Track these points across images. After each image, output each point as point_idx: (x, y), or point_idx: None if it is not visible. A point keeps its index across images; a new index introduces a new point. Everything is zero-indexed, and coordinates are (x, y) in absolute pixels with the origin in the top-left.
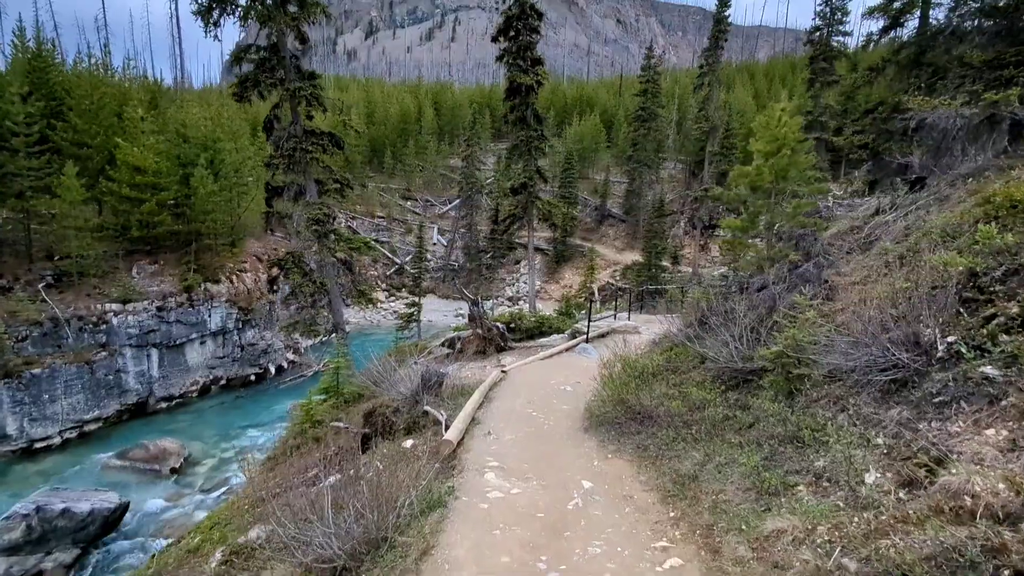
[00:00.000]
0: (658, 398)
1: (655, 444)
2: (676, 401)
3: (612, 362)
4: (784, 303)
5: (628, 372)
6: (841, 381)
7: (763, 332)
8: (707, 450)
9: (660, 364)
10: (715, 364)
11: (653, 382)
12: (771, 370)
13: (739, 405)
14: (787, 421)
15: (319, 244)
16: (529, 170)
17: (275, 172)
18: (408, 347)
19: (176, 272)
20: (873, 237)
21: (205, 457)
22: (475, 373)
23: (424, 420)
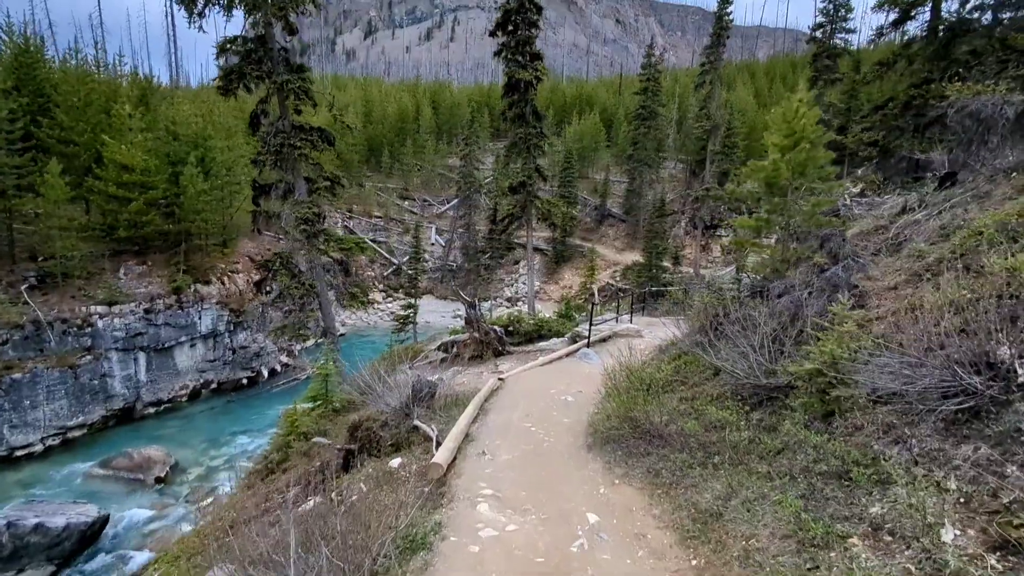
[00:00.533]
0: (669, 414)
1: (668, 469)
2: (692, 422)
3: (616, 372)
4: (811, 311)
5: (634, 383)
6: (889, 405)
7: (787, 343)
8: (730, 480)
9: (669, 374)
10: (732, 378)
11: (662, 395)
12: (801, 388)
13: (764, 427)
14: (827, 452)
15: (308, 244)
16: (528, 168)
17: (262, 169)
18: (403, 351)
19: (165, 273)
20: (902, 238)
21: (192, 465)
22: (471, 380)
23: (414, 435)
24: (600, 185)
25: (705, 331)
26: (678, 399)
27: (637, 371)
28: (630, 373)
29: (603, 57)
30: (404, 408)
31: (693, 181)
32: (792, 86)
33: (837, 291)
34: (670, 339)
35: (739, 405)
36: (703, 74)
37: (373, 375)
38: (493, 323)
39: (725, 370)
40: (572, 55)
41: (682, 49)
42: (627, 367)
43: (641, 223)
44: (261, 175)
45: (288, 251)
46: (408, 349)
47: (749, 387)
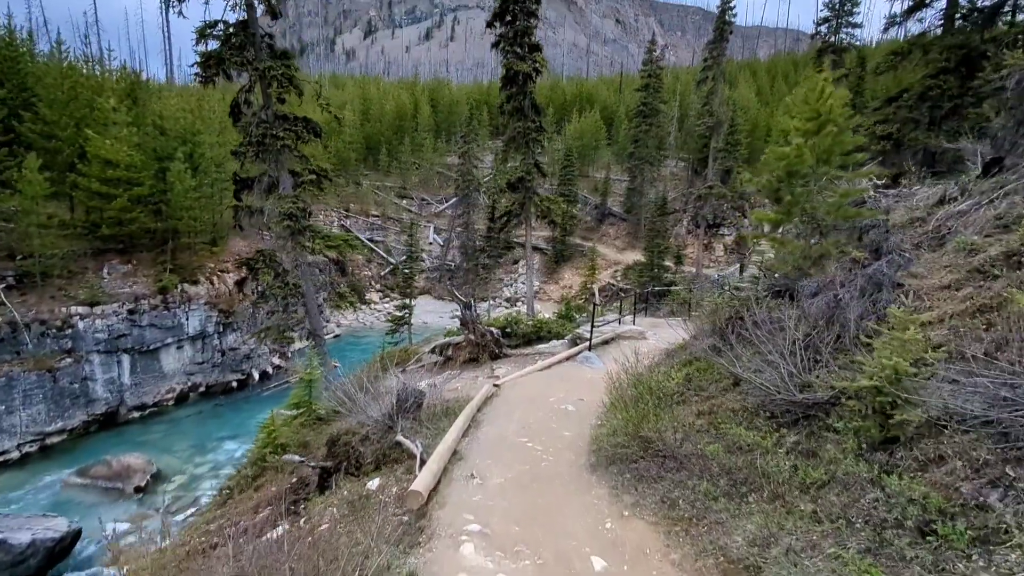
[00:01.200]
0: (684, 432)
1: (686, 499)
2: (713, 445)
3: (622, 380)
4: (854, 313)
5: (642, 393)
6: (970, 433)
7: (824, 351)
8: (767, 520)
9: (680, 383)
10: (759, 390)
11: (674, 407)
12: (852, 407)
13: (801, 452)
14: (899, 494)
15: (293, 241)
16: (527, 164)
17: (244, 161)
18: (395, 353)
19: (151, 273)
20: (945, 230)
21: (175, 473)
22: (465, 385)
23: (397, 451)
24: (601, 184)
25: (720, 335)
26: (693, 413)
27: (645, 379)
28: (637, 382)
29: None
30: (387, 420)
31: (695, 179)
32: (794, 84)
33: (880, 290)
34: (678, 342)
35: (767, 423)
36: (705, 70)
37: (355, 383)
38: (490, 324)
39: (749, 381)
40: (572, 55)
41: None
42: (633, 375)
43: (642, 222)
44: (243, 168)
45: (272, 248)
46: (402, 351)
47: (780, 402)
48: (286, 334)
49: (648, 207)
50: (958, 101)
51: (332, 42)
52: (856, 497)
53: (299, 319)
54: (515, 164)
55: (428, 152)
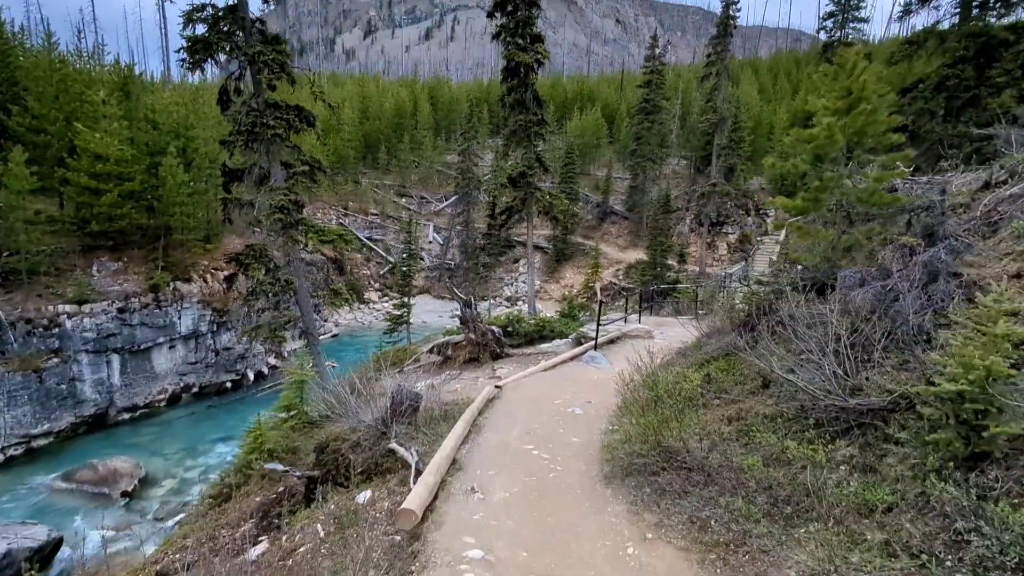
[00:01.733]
0: (710, 440)
1: (719, 520)
2: (750, 458)
3: (634, 380)
4: (911, 306)
5: (660, 395)
6: None
7: (875, 349)
8: (823, 550)
9: (699, 384)
10: (799, 393)
11: (697, 411)
12: (920, 413)
13: (856, 466)
14: (1014, 529)
15: (284, 236)
16: (528, 158)
17: (232, 151)
18: (394, 353)
19: (142, 270)
20: (996, 215)
21: (165, 477)
22: (465, 387)
23: (391, 459)
24: (602, 182)
25: (741, 332)
26: (719, 418)
27: (661, 380)
28: (653, 383)
29: (603, 57)
30: (380, 426)
31: (698, 177)
32: (796, 82)
33: (935, 280)
34: (692, 340)
35: (812, 432)
36: (709, 66)
37: (346, 386)
38: (491, 323)
39: (783, 383)
40: (572, 54)
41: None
42: (647, 374)
43: (644, 220)
44: (232, 159)
45: (263, 243)
46: (400, 351)
47: (828, 408)
48: (278, 333)
49: (650, 205)
50: (976, 91)
51: (332, 42)
52: (942, 526)
53: (291, 318)
54: (516, 159)
55: (428, 150)
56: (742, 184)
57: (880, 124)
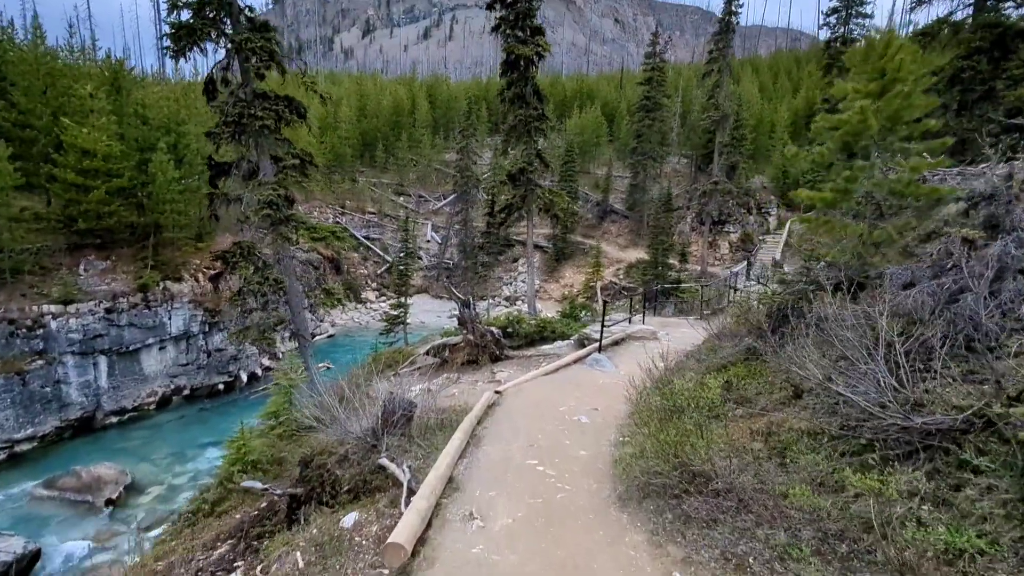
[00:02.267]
0: (739, 457)
1: (759, 558)
2: (797, 488)
3: (646, 387)
4: (980, 307)
5: (678, 405)
6: None
7: (936, 357)
8: None
9: (719, 393)
10: (837, 405)
11: (721, 423)
12: (997, 434)
13: (924, 498)
14: None
15: (273, 232)
16: (529, 154)
17: (219, 144)
18: (390, 355)
19: (131, 269)
20: None
21: (152, 484)
22: (464, 390)
23: (381, 476)
24: (602, 180)
25: (763, 334)
26: (745, 433)
27: (679, 388)
28: (669, 392)
29: (602, 57)
30: (370, 438)
31: (699, 175)
32: (797, 81)
33: (1002, 277)
34: (697, 343)
35: (862, 453)
36: (711, 62)
37: (335, 393)
38: (490, 324)
39: (822, 394)
40: (571, 54)
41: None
42: (661, 381)
43: (645, 219)
44: (218, 152)
45: (251, 240)
46: (396, 352)
47: (889, 428)
48: (267, 335)
49: (651, 204)
50: (991, 84)
51: (330, 41)
52: None
53: (281, 318)
54: (516, 156)
55: (426, 148)
56: (744, 182)
57: (915, 108)
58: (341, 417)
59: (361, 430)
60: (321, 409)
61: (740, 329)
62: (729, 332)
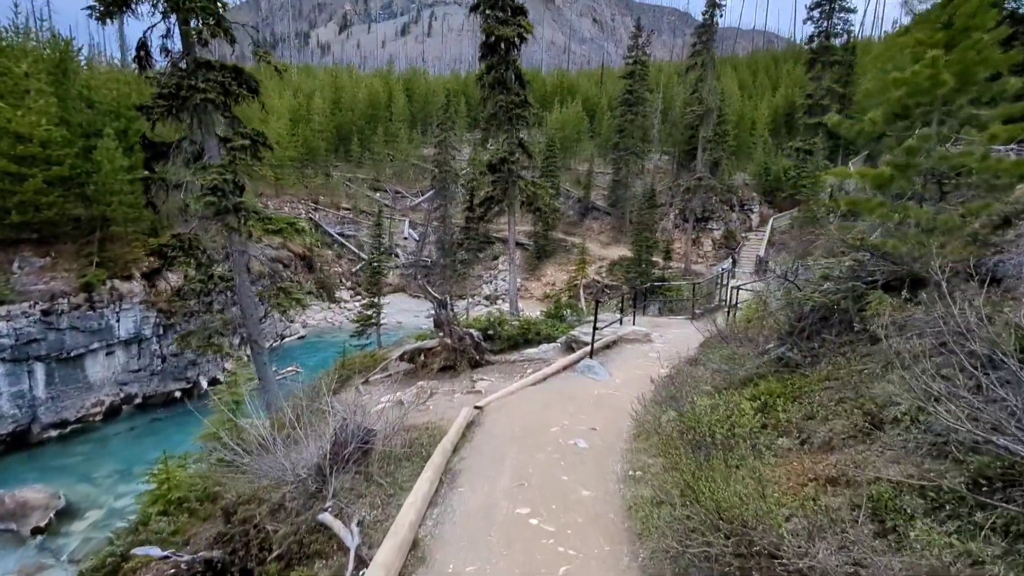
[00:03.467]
0: (806, 515)
1: None
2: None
3: (658, 412)
4: None
5: (708, 434)
6: None
7: None
8: None
9: (754, 416)
10: (946, 442)
11: (761, 460)
12: None
13: None
14: None
15: (219, 223)
16: (511, 143)
17: (153, 120)
18: (360, 360)
19: (74, 267)
20: None
21: (90, 507)
22: (439, 403)
23: (324, 536)
24: (583, 177)
25: (796, 341)
26: (805, 477)
27: (702, 411)
28: (695, 419)
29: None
30: (315, 478)
31: (681, 172)
32: (775, 79)
33: None
34: (707, 346)
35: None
36: (694, 55)
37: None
38: (469, 326)
39: (916, 427)
40: (551, 52)
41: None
42: (673, 396)
43: (627, 216)
44: (154, 130)
45: (192, 232)
46: (367, 357)
47: None
48: (213, 341)
49: (634, 201)
50: None
51: (306, 36)
52: None
53: (230, 321)
54: (497, 145)
55: (403, 143)
56: (727, 179)
57: (993, 63)
58: (283, 450)
59: (305, 470)
60: (241, 448)
61: (757, 333)
62: (741, 335)
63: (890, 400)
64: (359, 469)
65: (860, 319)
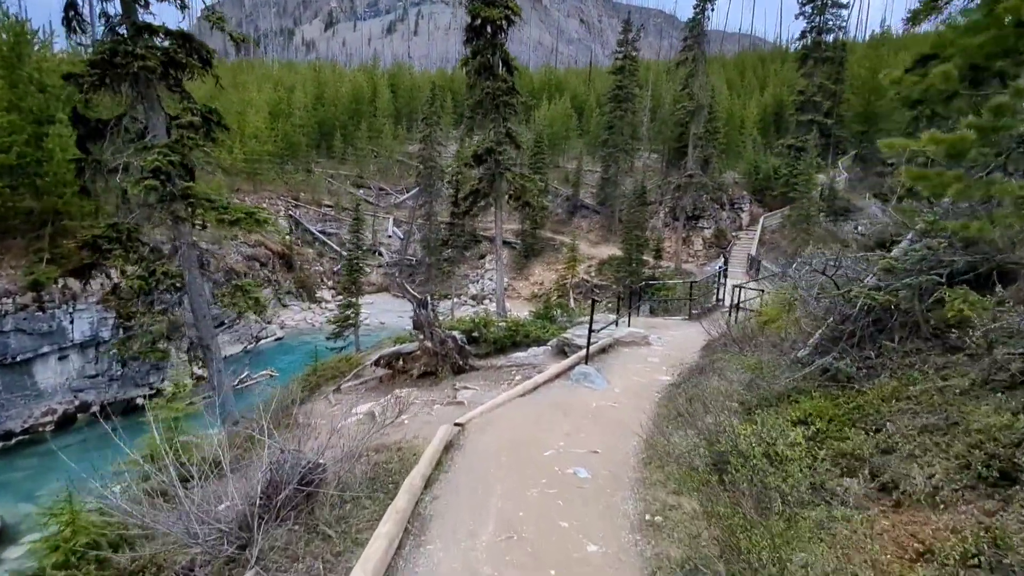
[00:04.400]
0: None
1: None
2: None
3: (669, 415)
4: None
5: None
6: None
7: None
8: None
9: (804, 445)
10: None
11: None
12: None
13: None
14: None
15: (164, 212)
16: (498, 132)
17: (86, 93)
18: (334, 364)
19: (21, 264)
20: None
21: (30, 530)
22: (415, 416)
23: None
24: (572, 175)
25: (845, 349)
26: (912, 550)
27: (745, 440)
28: (733, 447)
29: (568, 56)
30: (236, 535)
31: (671, 170)
32: (763, 78)
33: None
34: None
35: None
36: (685, 50)
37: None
38: (452, 327)
39: None
40: (538, 52)
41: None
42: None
43: (617, 214)
44: (88, 106)
45: (131, 222)
46: (343, 361)
47: None
48: (158, 346)
49: (623, 199)
50: None
51: (291, 33)
52: None
53: (177, 324)
54: (483, 135)
55: (387, 139)
56: (718, 176)
57: None
58: (193, 504)
59: (227, 521)
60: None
61: (780, 337)
62: (758, 340)
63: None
64: (300, 518)
65: (927, 321)
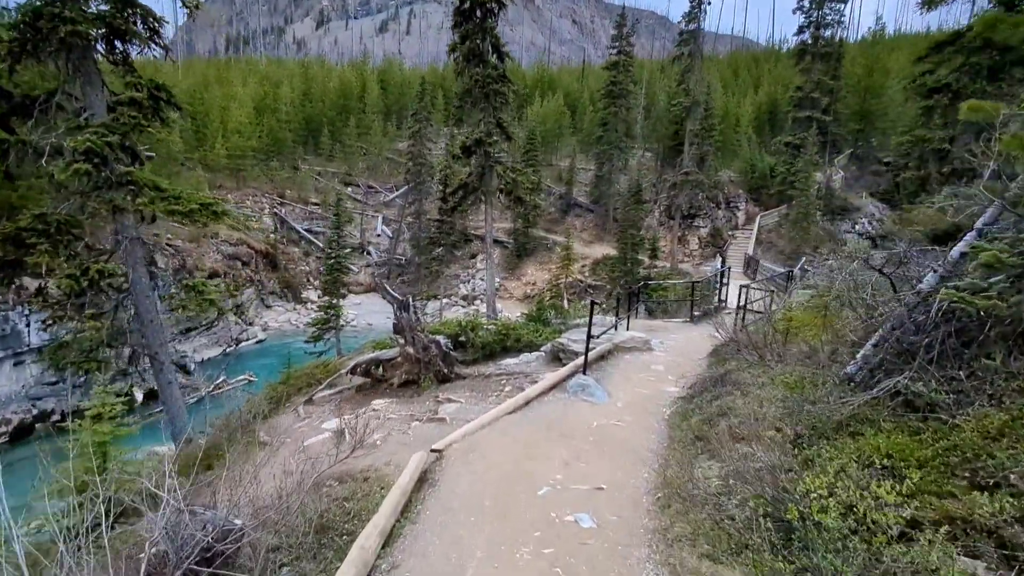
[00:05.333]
0: None
1: None
2: None
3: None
4: None
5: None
6: None
7: None
8: None
9: (896, 501)
10: None
11: None
12: None
13: None
14: None
15: (98, 201)
16: (487, 123)
17: (8, 63)
18: (309, 370)
19: None
20: None
21: None
22: (389, 434)
23: None
24: (565, 173)
25: (924, 367)
26: None
27: (816, 495)
28: (805, 525)
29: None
30: None
31: (666, 168)
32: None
33: None
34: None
35: None
36: (681, 44)
37: None
38: (436, 331)
39: None
40: (531, 52)
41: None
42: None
43: (611, 213)
44: (13, 77)
45: (61, 212)
46: (319, 367)
47: None
48: (94, 356)
49: (617, 197)
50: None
51: (281, 31)
52: None
53: (118, 331)
54: (473, 125)
55: (377, 136)
56: (714, 174)
57: None
58: None
59: None
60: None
61: (816, 347)
62: (782, 349)
63: None
64: None
65: (1006, 330)
